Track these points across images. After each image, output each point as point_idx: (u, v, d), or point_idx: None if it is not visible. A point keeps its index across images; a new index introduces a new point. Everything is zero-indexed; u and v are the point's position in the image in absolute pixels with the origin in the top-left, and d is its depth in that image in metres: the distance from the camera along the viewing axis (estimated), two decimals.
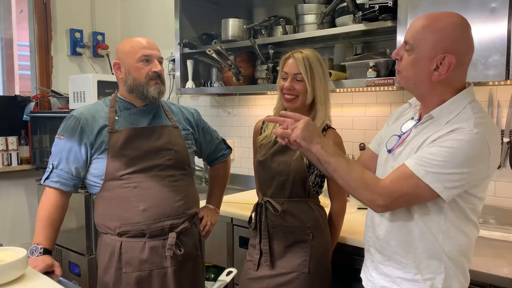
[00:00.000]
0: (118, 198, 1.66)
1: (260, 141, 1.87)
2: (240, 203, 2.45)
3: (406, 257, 1.27)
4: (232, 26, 2.74)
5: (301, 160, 1.72)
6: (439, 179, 1.15)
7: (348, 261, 1.88)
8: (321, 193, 1.83)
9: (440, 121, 1.22)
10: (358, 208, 2.31)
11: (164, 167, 1.70)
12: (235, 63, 2.68)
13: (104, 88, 3.12)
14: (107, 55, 3.85)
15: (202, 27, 3.04)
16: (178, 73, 3.02)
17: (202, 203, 1.99)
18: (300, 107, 1.75)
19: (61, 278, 1.56)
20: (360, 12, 2.09)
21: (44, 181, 1.69)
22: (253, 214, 1.84)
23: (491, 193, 2.06)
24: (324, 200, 1.91)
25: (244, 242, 2.21)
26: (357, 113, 2.56)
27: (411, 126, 1.32)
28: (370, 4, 2.04)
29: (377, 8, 1.99)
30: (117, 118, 1.71)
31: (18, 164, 3.41)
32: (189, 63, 2.99)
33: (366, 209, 1.42)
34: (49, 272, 1.56)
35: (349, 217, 1.97)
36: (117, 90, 1.79)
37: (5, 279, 1.30)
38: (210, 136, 2.01)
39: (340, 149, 1.73)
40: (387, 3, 1.96)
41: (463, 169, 1.15)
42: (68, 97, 3.31)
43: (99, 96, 3.08)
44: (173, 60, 3.23)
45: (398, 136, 1.34)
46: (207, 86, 3.04)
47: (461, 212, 1.23)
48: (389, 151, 1.34)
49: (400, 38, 1.89)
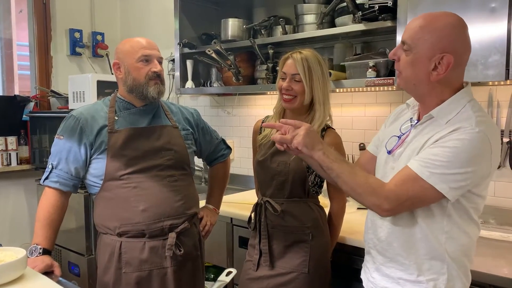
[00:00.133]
0: (118, 198, 1.66)
1: (260, 141, 1.87)
2: (240, 203, 2.44)
3: (409, 259, 1.27)
4: (232, 26, 2.74)
5: (301, 160, 1.72)
6: (444, 180, 1.15)
7: (348, 261, 1.88)
8: (321, 193, 1.83)
9: (440, 121, 1.22)
10: (358, 208, 2.31)
11: (164, 167, 1.70)
12: (235, 63, 2.67)
13: (104, 88, 3.11)
14: (107, 55, 3.84)
15: (202, 27, 3.04)
16: (178, 73, 3.02)
17: (202, 203, 1.99)
18: (299, 108, 1.75)
19: (61, 279, 1.56)
20: (360, 12, 2.09)
21: (44, 181, 1.69)
22: (253, 214, 1.84)
23: (491, 193, 2.06)
24: (324, 200, 1.91)
25: (244, 242, 2.20)
26: (357, 113, 2.56)
27: (410, 127, 1.31)
28: (370, 4, 2.04)
29: (377, 8, 1.99)
30: (117, 118, 1.71)
31: (18, 164, 3.40)
32: (189, 63, 2.99)
33: (366, 210, 1.42)
34: (49, 273, 1.56)
35: (349, 217, 1.97)
36: (117, 90, 1.79)
37: (5, 280, 1.30)
38: (210, 136, 2.01)
39: (340, 150, 1.73)
40: (387, 3, 1.96)
41: (467, 169, 1.15)
42: (68, 97, 3.30)
43: (99, 96, 3.08)
44: (173, 60, 3.23)
45: (398, 137, 1.33)
46: (207, 86, 3.04)
47: (464, 212, 1.22)
48: (389, 152, 1.34)
49: (400, 38, 1.88)
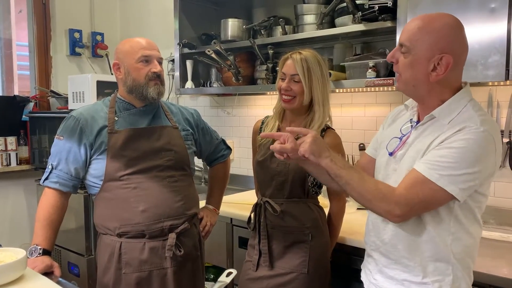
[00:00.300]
0: (118, 199, 1.66)
1: (259, 141, 1.87)
2: (240, 204, 2.44)
3: (413, 260, 1.26)
4: (232, 26, 2.74)
5: None
6: (453, 181, 1.14)
7: (348, 261, 1.88)
8: (320, 194, 1.83)
9: (442, 121, 1.22)
10: (358, 209, 2.31)
11: (164, 168, 1.70)
12: (235, 63, 2.67)
13: (103, 88, 3.11)
14: (107, 55, 3.84)
15: (202, 27, 3.04)
16: (178, 73, 3.01)
17: (202, 204, 1.99)
18: (298, 108, 1.75)
19: (60, 279, 1.56)
20: (360, 13, 2.09)
21: (43, 182, 1.69)
22: (252, 215, 1.84)
23: (491, 193, 2.05)
24: (323, 201, 1.91)
25: (244, 243, 2.20)
26: (357, 113, 2.56)
27: (411, 128, 1.31)
28: (370, 5, 2.04)
29: (377, 9, 1.99)
30: (117, 119, 1.71)
31: (17, 164, 3.40)
32: (189, 63, 2.99)
33: (366, 210, 1.42)
34: (48, 273, 1.56)
35: (349, 218, 1.97)
36: (117, 91, 1.79)
37: (4, 280, 1.30)
38: (210, 137, 2.01)
39: (340, 150, 1.73)
40: (387, 4, 1.96)
41: (474, 168, 1.14)
42: (67, 97, 3.30)
43: (99, 97, 3.08)
44: (173, 60, 3.23)
45: (399, 139, 1.33)
46: (207, 86, 3.04)
47: (470, 212, 1.22)
48: (391, 154, 1.33)
49: None
